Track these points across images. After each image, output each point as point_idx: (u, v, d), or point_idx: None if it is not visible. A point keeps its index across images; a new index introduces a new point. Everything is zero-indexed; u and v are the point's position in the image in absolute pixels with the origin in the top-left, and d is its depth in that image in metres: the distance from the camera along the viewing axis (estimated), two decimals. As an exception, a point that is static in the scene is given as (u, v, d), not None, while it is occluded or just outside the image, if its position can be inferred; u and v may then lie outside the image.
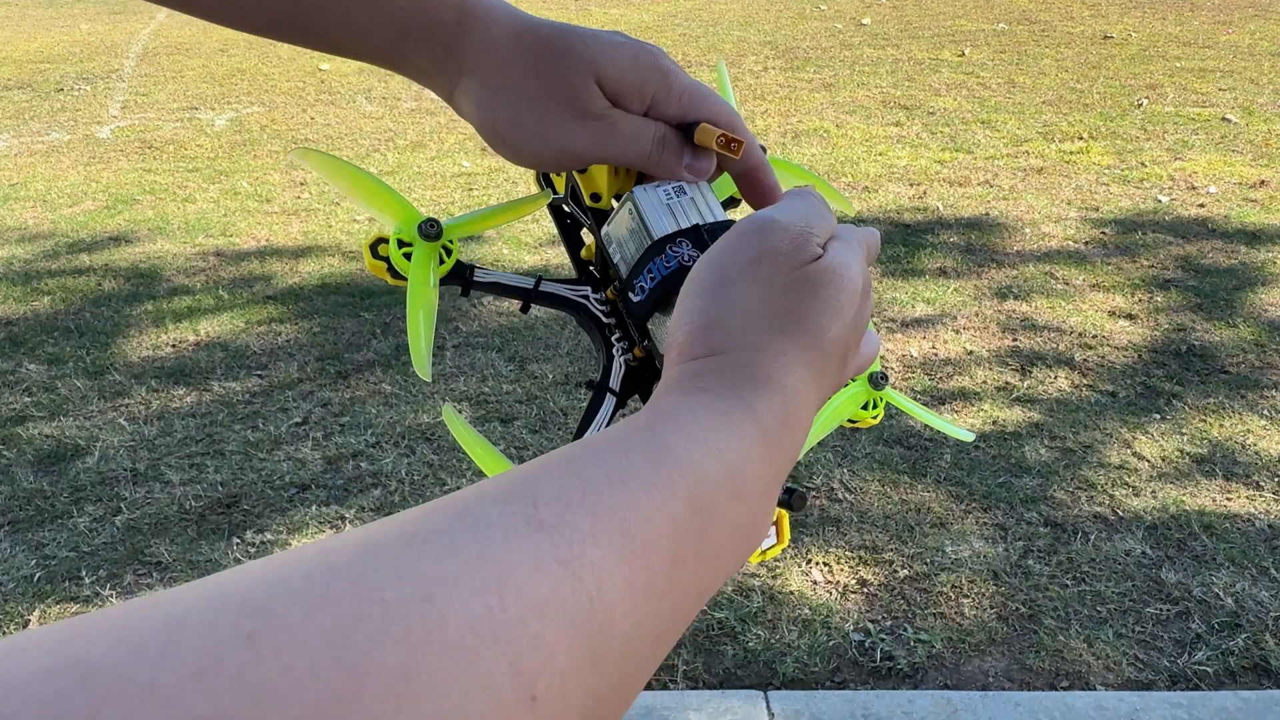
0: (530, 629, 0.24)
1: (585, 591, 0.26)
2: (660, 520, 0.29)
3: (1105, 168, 4.80)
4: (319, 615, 0.21)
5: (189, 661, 0.19)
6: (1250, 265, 3.65)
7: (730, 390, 0.36)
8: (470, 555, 0.24)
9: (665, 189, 0.49)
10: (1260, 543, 2.20)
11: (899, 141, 5.38)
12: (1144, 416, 2.70)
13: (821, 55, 7.85)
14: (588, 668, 0.25)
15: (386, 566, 0.23)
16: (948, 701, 1.80)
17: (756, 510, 0.34)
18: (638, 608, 0.28)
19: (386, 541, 0.24)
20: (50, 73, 8.14)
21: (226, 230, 4.34)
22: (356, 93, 7.05)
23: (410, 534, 0.25)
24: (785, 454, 0.36)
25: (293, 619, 0.21)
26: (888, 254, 3.84)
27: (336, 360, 3.12)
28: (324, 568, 0.23)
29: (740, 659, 1.92)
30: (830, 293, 0.39)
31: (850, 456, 2.53)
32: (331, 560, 0.23)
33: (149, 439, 2.71)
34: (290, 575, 0.22)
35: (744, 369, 0.36)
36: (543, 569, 0.25)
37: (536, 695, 0.23)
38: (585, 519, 0.27)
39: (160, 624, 0.20)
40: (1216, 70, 6.69)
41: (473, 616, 0.23)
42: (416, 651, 0.21)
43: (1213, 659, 1.89)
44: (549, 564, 0.26)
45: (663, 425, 0.33)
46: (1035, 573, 2.12)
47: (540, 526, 0.26)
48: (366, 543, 0.24)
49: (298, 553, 0.24)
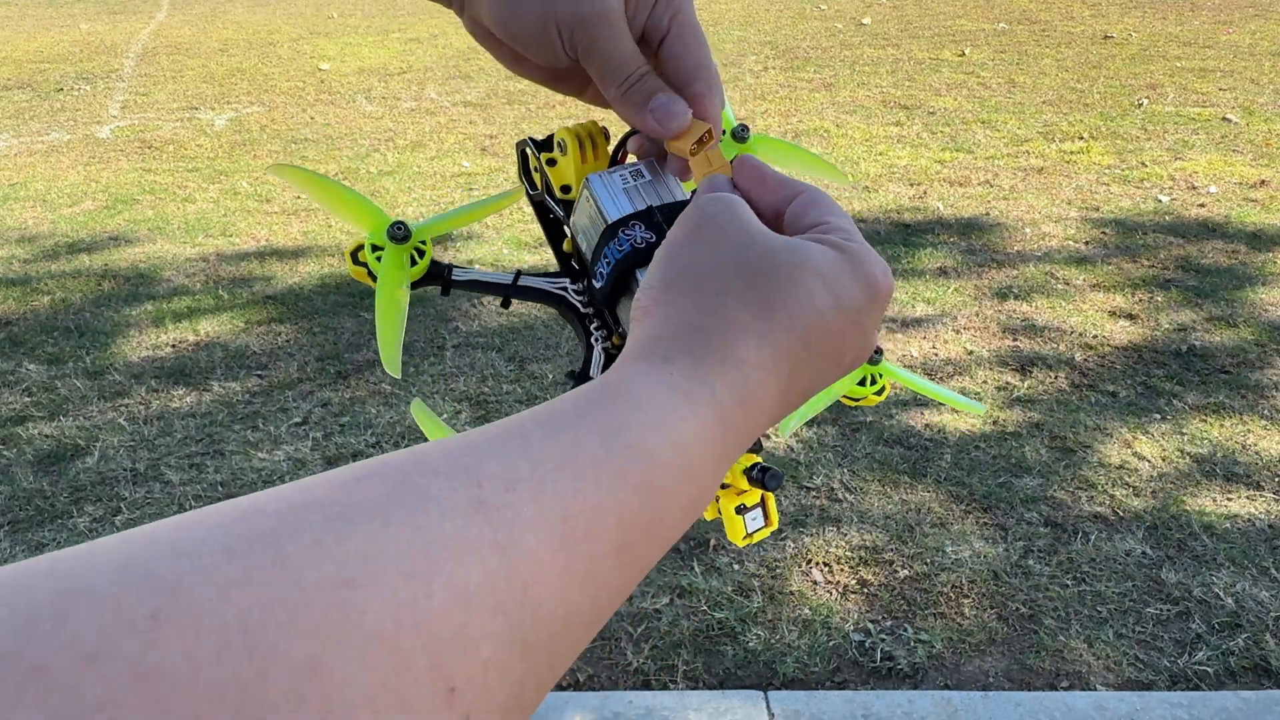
0: (455, 619, 0.23)
1: (518, 579, 0.25)
2: (608, 508, 0.29)
3: (1105, 168, 4.80)
4: (231, 597, 0.20)
5: (83, 642, 0.18)
6: (1251, 265, 3.65)
7: (690, 362, 0.35)
8: (402, 536, 0.23)
9: (623, 173, 0.49)
10: (1260, 543, 2.19)
11: (899, 141, 5.38)
12: (1144, 416, 2.70)
13: (821, 55, 7.85)
14: (514, 656, 0.25)
15: (311, 543, 0.22)
16: (948, 702, 1.80)
17: (705, 488, 0.34)
18: (573, 595, 0.27)
19: (315, 512, 0.23)
20: (50, 72, 8.14)
21: (226, 230, 4.34)
22: (356, 93, 7.05)
23: (344, 504, 0.24)
24: (741, 434, 0.35)
25: (201, 599, 0.20)
26: (888, 254, 3.84)
27: (336, 360, 3.12)
28: (245, 540, 0.21)
29: (740, 659, 1.92)
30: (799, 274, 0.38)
31: (850, 456, 2.52)
32: (254, 529, 0.22)
33: (149, 439, 2.71)
34: (206, 546, 0.21)
35: (704, 339, 0.36)
36: (476, 554, 0.24)
37: (456, 687, 0.23)
38: (528, 503, 0.27)
39: (55, 597, 0.19)
40: (1217, 70, 6.69)
41: (396, 604, 0.22)
42: (330, 642, 0.20)
43: (1213, 659, 1.89)
44: (484, 549, 0.25)
45: (622, 404, 0.32)
46: (1035, 573, 2.12)
47: (480, 506, 0.26)
48: (294, 510, 0.23)
49: (219, 513, 0.22)
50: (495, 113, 6.28)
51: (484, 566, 0.25)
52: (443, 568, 0.24)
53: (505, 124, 6.02)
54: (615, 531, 0.29)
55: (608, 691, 1.85)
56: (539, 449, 0.29)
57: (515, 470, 0.27)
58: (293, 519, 0.23)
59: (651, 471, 0.31)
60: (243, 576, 0.20)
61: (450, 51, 8.52)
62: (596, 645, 1.95)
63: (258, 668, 0.19)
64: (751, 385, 0.36)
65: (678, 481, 0.32)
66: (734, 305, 0.37)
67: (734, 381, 0.35)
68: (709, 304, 0.37)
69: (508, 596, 0.25)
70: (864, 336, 0.40)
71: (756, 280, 0.37)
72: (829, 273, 0.39)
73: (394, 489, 0.25)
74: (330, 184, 0.56)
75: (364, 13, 11.11)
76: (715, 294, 0.37)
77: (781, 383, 0.37)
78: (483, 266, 3.82)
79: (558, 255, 0.58)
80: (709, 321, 0.36)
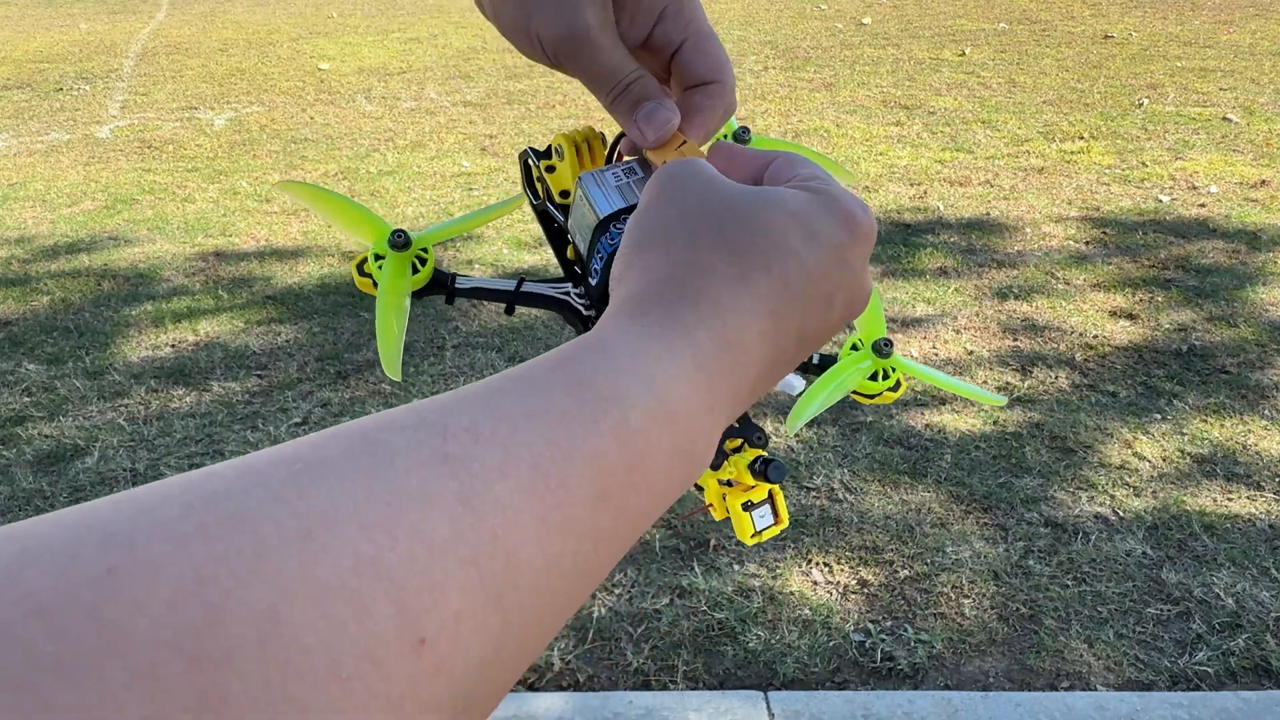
0: (421, 570, 0.23)
1: (487, 530, 0.25)
2: (581, 456, 0.28)
3: (1106, 167, 4.80)
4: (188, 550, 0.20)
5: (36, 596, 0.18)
6: (1251, 265, 3.65)
7: (663, 310, 0.34)
8: (363, 489, 0.23)
9: (615, 170, 0.49)
10: (1261, 543, 2.19)
11: (899, 141, 5.38)
12: (1144, 416, 2.69)
13: (822, 55, 7.85)
14: (489, 609, 0.24)
15: (270, 499, 0.22)
16: (948, 702, 1.80)
17: (696, 434, 0.33)
18: (552, 545, 0.27)
19: (276, 470, 0.23)
20: (49, 72, 8.14)
21: (226, 230, 4.34)
22: (356, 92, 7.05)
23: (305, 461, 0.24)
24: (729, 379, 0.35)
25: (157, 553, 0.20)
26: (888, 254, 3.84)
27: (336, 360, 3.12)
28: (203, 497, 0.22)
29: (740, 659, 1.92)
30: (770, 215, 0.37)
31: (850, 456, 2.52)
32: (213, 488, 0.22)
33: (148, 439, 2.71)
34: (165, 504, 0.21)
35: (677, 287, 0.35)
36: (440, 505, 0.24)
37: (425, 638, 0.23)
38: (495, 453, 0.26)
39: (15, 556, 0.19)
40: (1217, 70, 6.68)
41: (356, 556, 0.22)
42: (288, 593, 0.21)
43: (1213, 659, 1.89)
44: (448, 500, 0.25)
45: (590, 356, 0.32)
46: (1036, 573, 2.12)
47: (445, 459, 0.25)
48: (254, 470, 0.23)
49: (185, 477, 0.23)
50: (495, 113, 6.28)
51: (450, 517, 0.24)
52: (405, 519, 0.23)
53: (505, 124, 6.02)
54: (591, 478, 0.28)
55: (608, 691, 1.85)
56: (507, 404, 0.28)
57: (481, 423, 0.27)
58: (253, 477, 0.23)
59: (626, 416, 0.30)
60: (199, 531, 0.21)
61: (450, 51, 8.52)
62: (596, 645, 1.95)
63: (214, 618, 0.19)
64: (732, 328, 0.35)
65: (657, 426, 0.31)
66: (706, 253, 0.36)
67: (710, 325, 0.35)
68: (680, 256, 0.36)
69: (477, 547, 0.25)
70: (852, 276, 0.39)
71: (726, 226, 0.37)
72: (801, 211, 0.38)
73: (356, 445, 0.25)
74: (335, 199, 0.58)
75: (364, 13, 11.11)
76: (685, 246, 0.37)
77: (764, 325, 0.36)
78: (483, 267, 3.82)
79: (562, 263, 0.58)
80: (680, 272, 0.36)
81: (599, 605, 2.05)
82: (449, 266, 3.46)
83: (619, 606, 2.05)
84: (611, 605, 2.05)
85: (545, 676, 1.89)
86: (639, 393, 0.31)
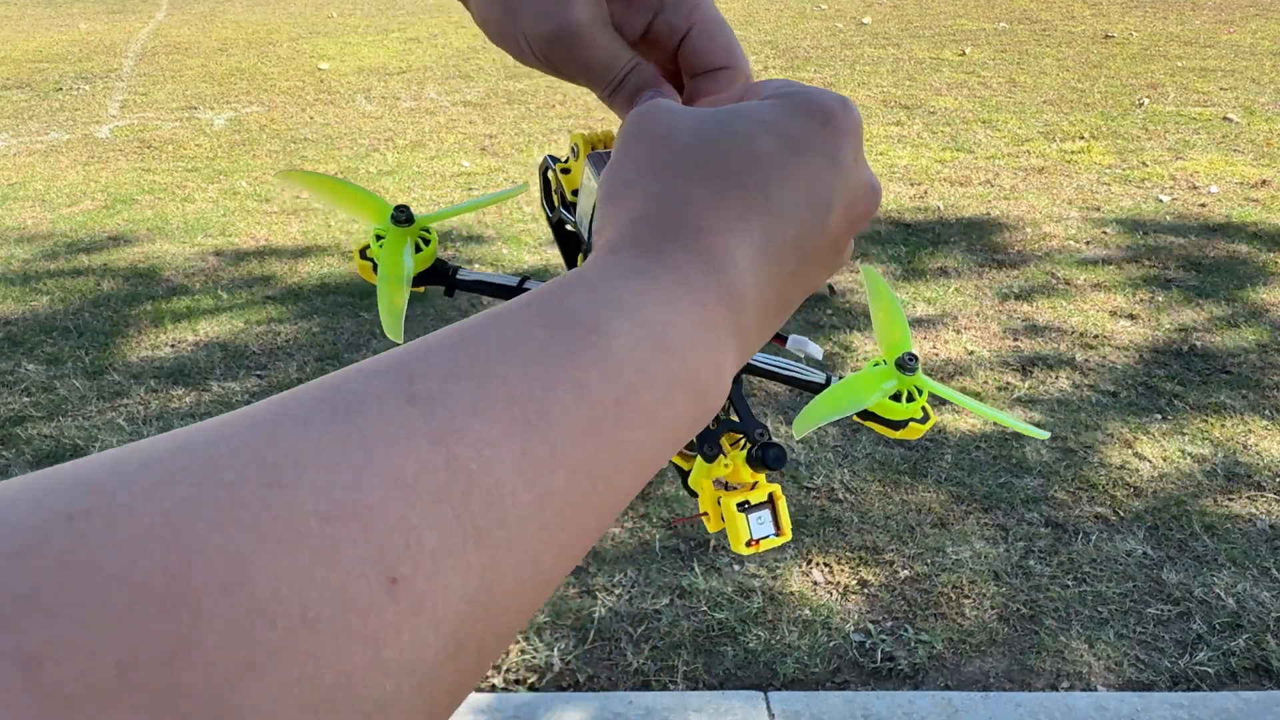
0: (391, 509, 0.23)
1: (462, 467, 0.25)
2: (563, 387, 0.27)
3: (1106, 167, 4.80)
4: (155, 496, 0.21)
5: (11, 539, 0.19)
6: (1252, 265, 3.65)
7: (639, 246, 0.33)
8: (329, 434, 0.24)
9: None
10: (1261, 543, 2.19)
11: (900, 141, 5.37)
12: (1145, 417, 2.69)
13: (822, 55, 7.85)
14: (469, 545, 0.24)
15: (239, 447, 0.23)
16: (948, 702, 1.79)
17: (694, 361, 0.32)
18: (539, 481, 0.26)
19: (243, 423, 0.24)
20: (49, 72, 8.13)
21: (226, 230, 4.34)
22: (356, 92, 7.05)
23: (273, 413, 0.24)
24: (722, 302, 0.33)
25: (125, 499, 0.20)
26: (888, 254, 3.84)
27: (336, 360, 3.12)
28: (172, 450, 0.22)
29: (740, 659, 1.92)
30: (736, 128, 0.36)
31: (851, 456, 2.52)
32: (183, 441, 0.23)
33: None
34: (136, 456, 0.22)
35: (652, 222, 0.34)
36: (410, 445, 0.24)
37: (398, 578, 0.23)
38: (469, 390, 0.26)
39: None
40: (1218, 70, 6.68)
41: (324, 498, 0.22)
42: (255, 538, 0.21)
43: (1214, 659, 1.89)
44: (417, 439, 0.24)
45: (568, 289, 0.31)
46: (1036, 573, 2.12)
47: (413, 400, 0.25)
48: (225, 423, 0.24)
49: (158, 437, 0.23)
50: (495, 112, 6.28)
51: (420, 456, 0.24)
52: (372, 460, 0.24)
53: (505, 124, 6.02)
54: (575, 409, 0.28)
55: (608, 692, 1.85)
56: (480, 340, 0.28)
57: (453, 362, 0.27)
58: (224, 428, 0.23)
59: (609, 344, 0.29)
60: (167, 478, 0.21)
61: (450, 51, 8.51)
62: (596, 645, 1.95)
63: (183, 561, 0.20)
64: (717, 250, 0.34)
65: (646, 351, 0.30)
66: (679, 183, 0.35)
67: (691, 247, 0.34)
68: (652, 190, 0.36)
69: (449, 485, 0.24)
70: (843, 173, 0.37)
71: (693, 151, 0.36)
72: (769, 117, 0.37)
73: (324, 395, 0.25)
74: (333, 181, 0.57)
75: (363, 12, 11.11)
76: (656, 179, 0.36)
77: (752, 238, 0.35)
78: (483, 268, 3.82)
79: (570, 268, 0.58)
80: (655, 206, 0.35)
81: (599, 605, 2.05)
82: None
83: (619, 607, 2.04)
84: (612, 605, 2.05)
85: (545, 676, 1.89)
86: (620, 321, 0.30)
